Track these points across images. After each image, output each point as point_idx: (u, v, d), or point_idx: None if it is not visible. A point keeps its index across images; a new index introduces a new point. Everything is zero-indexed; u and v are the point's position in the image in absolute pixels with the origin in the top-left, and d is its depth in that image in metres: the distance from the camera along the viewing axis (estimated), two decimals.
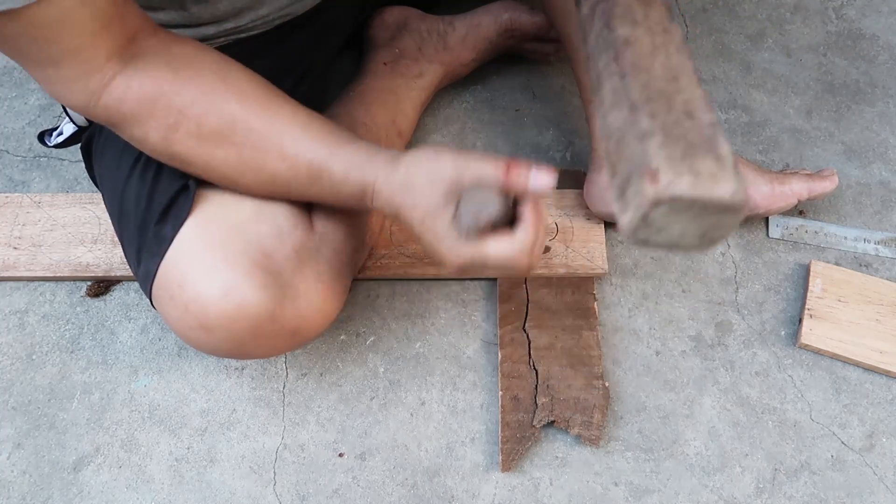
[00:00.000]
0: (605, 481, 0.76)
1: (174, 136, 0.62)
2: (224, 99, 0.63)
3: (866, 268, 0.88)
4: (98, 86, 0.60)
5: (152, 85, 0.61)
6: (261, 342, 0.67)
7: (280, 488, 0.76)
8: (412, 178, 0.63)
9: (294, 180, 0.65)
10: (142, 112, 0.61)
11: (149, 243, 0.67)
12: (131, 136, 0.64)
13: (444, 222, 0.61)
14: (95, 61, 0.59)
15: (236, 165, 0.64)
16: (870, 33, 1.10)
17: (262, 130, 0.64)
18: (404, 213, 0.64)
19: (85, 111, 0.62)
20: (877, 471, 0.76)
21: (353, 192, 0.65)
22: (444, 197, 0.61)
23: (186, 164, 0.65)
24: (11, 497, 0.75)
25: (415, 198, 0.62)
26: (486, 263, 0.62)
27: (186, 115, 0.62)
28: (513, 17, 0.99)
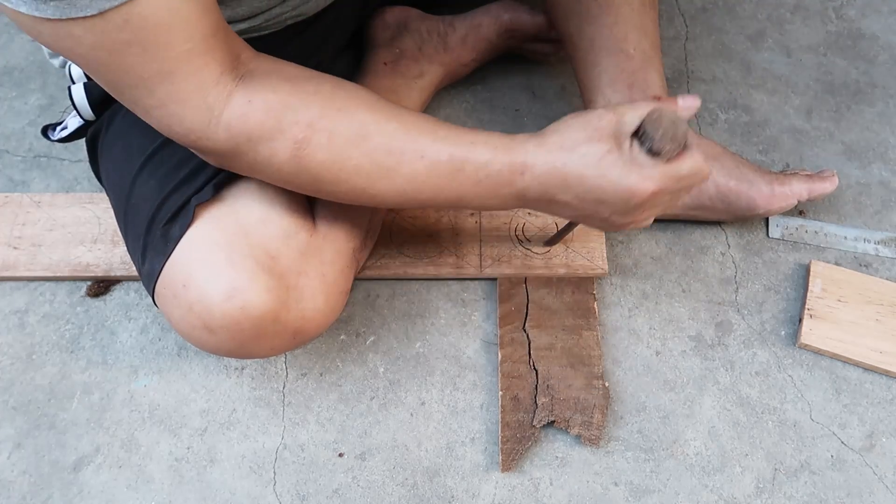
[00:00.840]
0: (605, 481, 0.76)
1: (304, 152, 0.60)
2: (352, 108, 0.62)
3: (866, 268, 0.88)
4: (217, 100, 0.58)
5: (276, 99, 0.59)
6: (263, 342, 0.68)
7: (280, 488, 0.76)
8: (569, 137, 0.63)
9: (433, 178, 0.63)
10: (269, 127, 0.59)
11: (155, 242, 0.67)
12: (255, 158, 0.61)
13: (626, 154, 0.61)
14: (210, 70, 0.57)
15: (370, 172, 0.62)
16: (870, 33, 1.10)
17: (396, 133, 0.62)
18: (572, 169, 0.62)
19: (205, 133, 0.59)
20: (877, 471, 0.76)
21: (500, 173, 0.64)
22: (614, 139, 0.62)
23: (315, 181, 0.63)
24: (11, 497, 0.75)
25: (581, 150, 0.62)
26: (680, 178, 0.62)
27: (316, 127, 0.60)
28: (513, 18, 0.99)
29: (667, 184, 0.62)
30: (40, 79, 1.07)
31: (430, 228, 0.88)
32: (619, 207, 0.64)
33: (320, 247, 0.70)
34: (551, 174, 0.63)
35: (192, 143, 0.61)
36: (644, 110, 0.62)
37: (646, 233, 0.91)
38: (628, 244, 0.90)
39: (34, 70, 1.08)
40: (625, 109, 0.63)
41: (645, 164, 0.61)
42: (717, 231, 0.91)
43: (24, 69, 1.08)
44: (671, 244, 0.90)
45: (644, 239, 0.90)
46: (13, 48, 1.11)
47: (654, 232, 0.91)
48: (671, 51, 1.07)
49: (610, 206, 0.64)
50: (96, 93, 0.73)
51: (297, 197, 0.71)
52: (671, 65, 1.06)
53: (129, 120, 0.72)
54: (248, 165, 0.62)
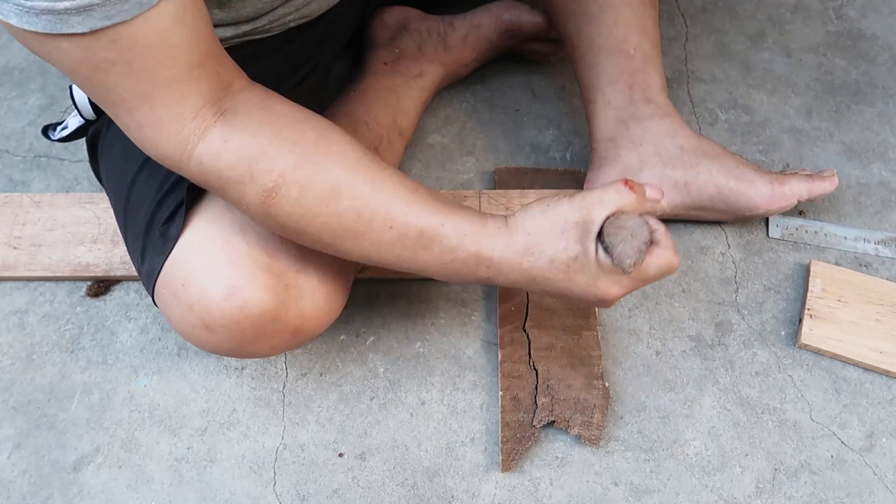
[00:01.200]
0: (605, 481, 0.76)
1: (272, 201, 0.59)
2: (329, 163, 0.60)
3: (866, 268, 0.88)
4: (193, 134, 0.57)
5: (254, 143, 0.58)
6: (263, 342, 0.68)
7: (280, 488, 0.76)
8: (536, 238, 0.62)
9: (397, 248, 0.63)
10: (241, 172, 0.58)
11: (154, 241, 0.67)
12: (224, 194, 0.61)
13: (592, 263, 0.61)
14: (190, 101, 0.56)
15: (336, 231, 0.62)
16: (870, 33, 1.10)
17: (368, 197, 0.61)
18: (538, 273, 0.63)
19: (176, 163, 0.59)
20: (877, 471, 0.76)
21: (465, 260, 0.63)
22: (579, 242, 0.62)
23: (282, 229, 0.63)
24: (11, 497, 0.75)
25: (548, 255, 0.62)
26: (648, 279, 0.63)
27: (288, 179, 0.59)
28: (513, 18, 0.99)
29: (634, 285, 0.63)
30: (40, 79, 1.07)
31: None
32: (589, 303, 0.65)
33: None
34: (519, 273, 0.64)
35: (167, 167, 0.61)
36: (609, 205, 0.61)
37: None
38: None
39: (34, 70, 1.08)
40: (592, 206, 0.62)
41: (610, 272, 0.62)
42: (717, 231, 0.91)
43: (24, 69, 1.08)
44: None
45: None
46: (13, 48, 1.11)
47: None
48: (671, 51, 1.07)
49: (580, 301, 0.65)
50: None
51: None
52: (671, 65, 1.06)
53: None
54: (221, 196, 0.62)
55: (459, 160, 0.98)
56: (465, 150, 0.99)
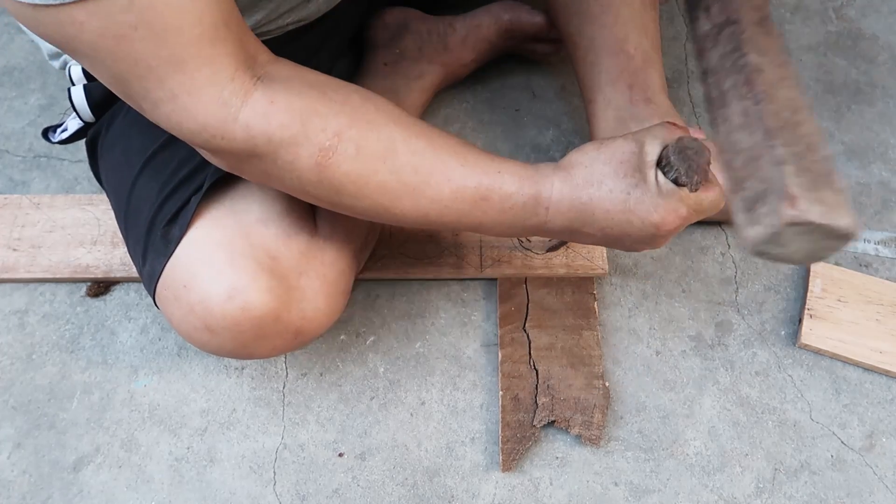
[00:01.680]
0: (605, 481, 0.76)
1: (329, 161, 0.57)
2: (381, 121, 0.59)
3: (866, 268, 0.88)
4: (234, 96, 0.54)
5: (303, 104, 0.56)
6: (264, 343, 0.68)
7: (280, 488, 0.76)
8: (593, 171, 0.62)
9: (457, 202, 0.62)
10: (294, 131, 0.56)
11: (156, 243, 0.67)
12: (274, 162, 0.57)
13: (653, 190, 0.61)
14: (222, 63, 0.53)
15: (394, 191, 0.60)
16: (870, 33, 1.10)
17: (424, 152, 0.60)
18: (598, 206, 0.62)
19: (220, 130, 0.55)
20: (877, 471, 0.76)
21: (524, 205, 0.63)
22: (638, 170, 0.61)
23: (337, 193, 0.60)
24: (11, 497, 0.75)
25: (607, 186, 0.62)
26: (702, 209, 0.63)
27: (344, 137, 0.57)
28: (513, 18, 0.99)
29: (690, 216, 0.63)
30: (40, 79, 1.07)
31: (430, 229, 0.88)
32: (643, 238, 0.63)
33: (321, 247, 0.70)
34: (577, 209, 0.63)
35: (205, 143, 0.56)
36: (663, 137, 0.62)
37: None
38: None
39: (34, 70, 1.08)
40: (645, 138, 0.62)
41: (670, 197, 0.61)
42: (717, 231, 0.91)
43: (24, 69, 1.08)
44: (671, 244, 0.90)
45: None
46: (13, 48, 1.11)
47: None
48: (671, 51, 1.07)
49: (634, 237, 0.63)
50: (96, 94, 0.73)
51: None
52: (671, 65, 1.05)
53: (128, 121, 0.72)
54: (264, 171, 0.59)
55: None
56: None
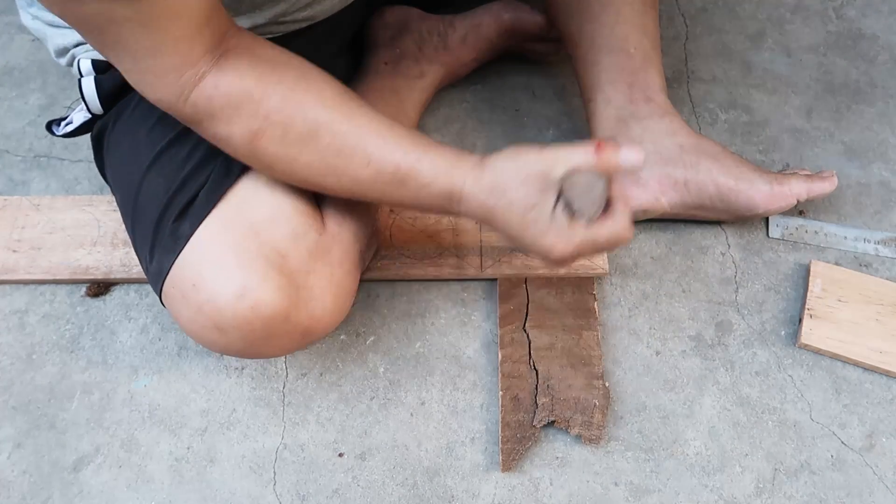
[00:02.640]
0: (605, 481, 0.76)
1: (259, 142, 0.63)
2: (308, 104, 0.63)
3: (866, 268, 0.88)
4: (190, 81, 0.60)
5: (240, 88, 0.61)
6: (273, 342, 0.68)
7: (280, 488, 0.76)
8: (502, 180, 0.64)
9: (377, 184, 0.66)
10: (229, 113, 0.62)
11: (164, 240, 0.67)
12: (214, 134, 0.64)
13: (547, 214, 0.63)
14: (193, 54, 0.59)
15: (319, 169, 0.65)
16: (870, 33, 1.10)
17: (346, 135, 0.64)
18: (499, 214, 0.65)
19: (172, 105, 0.62)
20: (877, 471, 0.76)
21: (439, 195, 0.66)
22: (540, 192, 0.63)
23: (268, 168, 0.66)
24: (11, 497, 0.75)
25: (508, 197, 0.64)
26: (597, 244, 0.65)
27: (272, 121, 0.62)
28: (513, 18, 0.99)
29: (583, 247, 0.65)
30: (40, 79, 1.07)
31: (430, 229, 0.88)
32: (539, 255, 0.66)
33: (329, 247, 0.70)
34: (482, 211, 0.66)
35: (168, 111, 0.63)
36: (573, 162, 0.62)
37: (646, 233, 0.91)
38: (628, 244, 0.90)
39: (34, 70, 1.08)
40: (556, 158, 0.63)
41: (563, 226, 0.63)
42: (717, 231, 0.91)
43: (24, 69, 1.08)
44: (671, 244, 0.90)
45: (644, 239, 0.90)
46: (13, 48, 1.11)
47: (654, 232, 0.91)
48: (671, 51, 1.07)
49: (532, 251, 0.66)
50: (106, 87, 0.73)
51: (306, 197, 0.71)
52: (671, 65, 1.05)
53: (137, 116, 0.72)
54: (210, 137, 0.65)
55: None
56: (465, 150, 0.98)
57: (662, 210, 0.86)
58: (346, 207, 0.74)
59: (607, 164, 0.62)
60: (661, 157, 0.84)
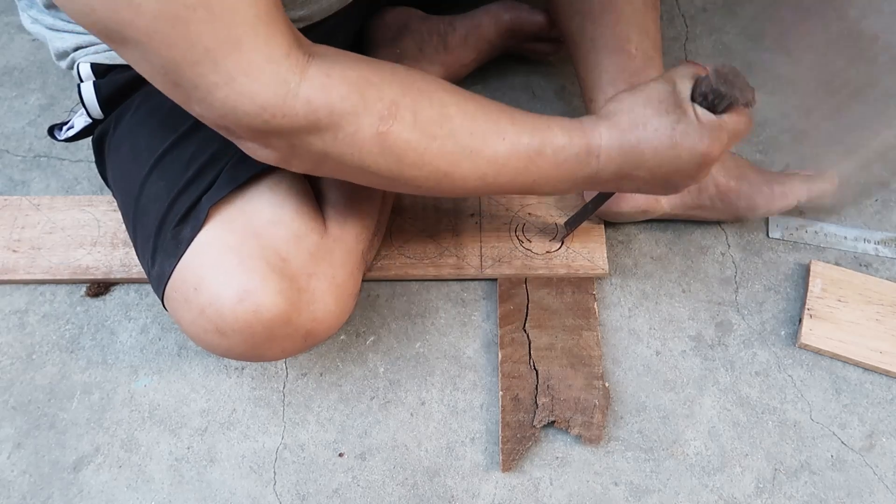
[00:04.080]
0: (605, 481, 0.76)
1: (390, 129, 0.58)
2: (430, 89, 0.61)
3: (866, 268, 0.88)
4: (292, 73, 0.54)
5: (357, 75, 0.57)
6: (275, 345, 0.67)
7: (280, 488, 0.76)
8: (637, 112, 0.64)
9: (513, 160, 0.63)
10: (353, 102, 0.56)
11: (166, 244, 0.67)
12: (336, 136, 0.57)
13: (693, 122, 0.63)
14: (278, 41, 0.53)
15: (453, 153, 0.61)
16: (870, 33, 1.10)
17: (476, 114, 0.62)
18: (646, 145, 0.64)
19: (281, 107, 0.54)
20: (877, 471, 0.76)
21: (577, 156, 0.65)
22: (678, 108, 0.63)
23: (399, 162, 0.60)
24: (11, 497, 0.75)
25: (652, 125, 0.64)
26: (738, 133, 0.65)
27: (400, 104, 0.58)
28: (513, 18, 0.99)
29: (730, 140, 0.65)
30: (40, 79, 1.07)
31: (430, 229, 0.88)
32: (691, 171, 0.65)
33: (331, 249, 0.70)
34: (627, 153, 0.65)
35: (265, 123, 0.55)
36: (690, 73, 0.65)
37: (646, 233, 0.91)
38: (628, 244, 0.90)
39: (34, 70, 1.08)
40: (675, 77, 0.65)
41: (711, 125, 0.64)
42: (717, 231, 0.91)
43: (24, 69, 1.08)
44: (671, 244, 0.90)
45: (644, 239, 0.90)
46: (13, 48, 1.11)
47: (654, 232, 0.91)
48: (671, 51, 1.07)
49: (683, 172, 0.65)
50: (105, 91, 0.73)
51: (307, 199, 0.71)
52: (671, 65, 1.04)
53: (137, 120, 0.72)
54: (322, 150, 0.58)
55: None
56: None
57: (662, 211, 0.86)
58: (347, 209, 0.74)
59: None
60: None
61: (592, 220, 0.88)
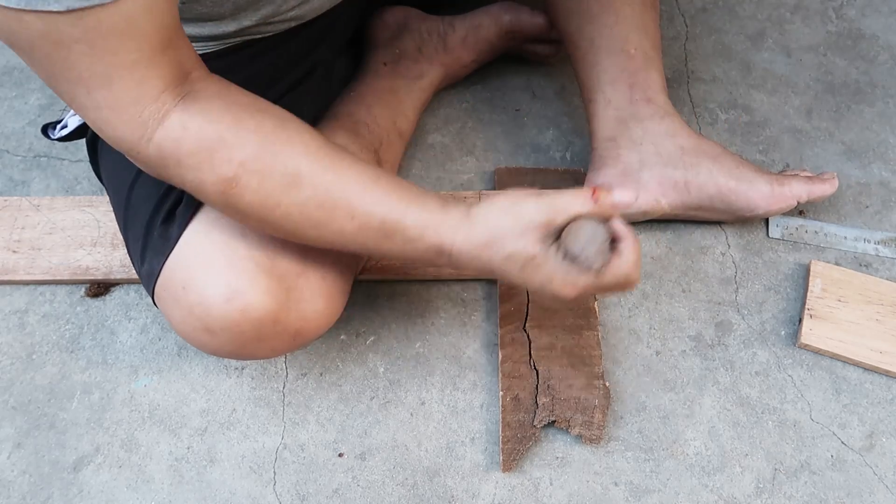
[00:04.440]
0: (605, 481, 0.76)
1: (233, 191, 0.59)
2: (288, 153, 0.60)
3: (866, 268, 0.88)
4: (152, 118, 0.56)
5: (213, 130, 0.57)
6: (263, 344, 0.68)
7: (280, 488, 0.76)
8: (497, 233, 0.62)
9: (360, 237, 0.63)
10: (200, 159, 0.57)
11: (154, 242, 0.67)
12: (183, 181, 0.60)
13: (550, 263, 0.61)
14: (151, 84, 0.55)
15: (298, 221, 0.61)
16: (870, 33, 1.10)
17: (329, 187, 0.61)
18: (497, 266, 0.63)
19: (135, 148, 0.57)
20: (877, 471, 0.76)
21: (427, 250, 0.63)
22: (541, 242, 0.61)
23: (243, 217, 0.62)
24: (11, 497, 0.75)
25: (507, 251, 0.62)
26: (603, 286, 0.62)
27: (248, 169, 0.58)
28: (513, 19, 0.99)
29: (589, 290, 0.63)
30: (40, 79, 1.07)
31: None
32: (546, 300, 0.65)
33: None
34: (476, 264, 0.63)
35: (122, 151, 0.59)
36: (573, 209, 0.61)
37: (646, 233, 0.91)
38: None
39: None
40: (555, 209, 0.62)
41: (568, 271, 0.61)
42: (717, 231, 0.91)
43: (24, 69, 1.08)
44: (671, 244, 0.90)
45: (644, 239, 0.90)
46: None
47: (654, 232, 0.91)
48: (671, 51, 1.07)
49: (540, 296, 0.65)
50: None
51: None
52: (671, 65, 1.06)
53: None
54: (178, 184, 0.61)
55: (459, 160, 0.98)
56: (465, 150, 0.99)
57: (662, 211, 0.86)
58: None
59: (605, 209, 0.61)
60: (662, 158, 0.84)
61: None
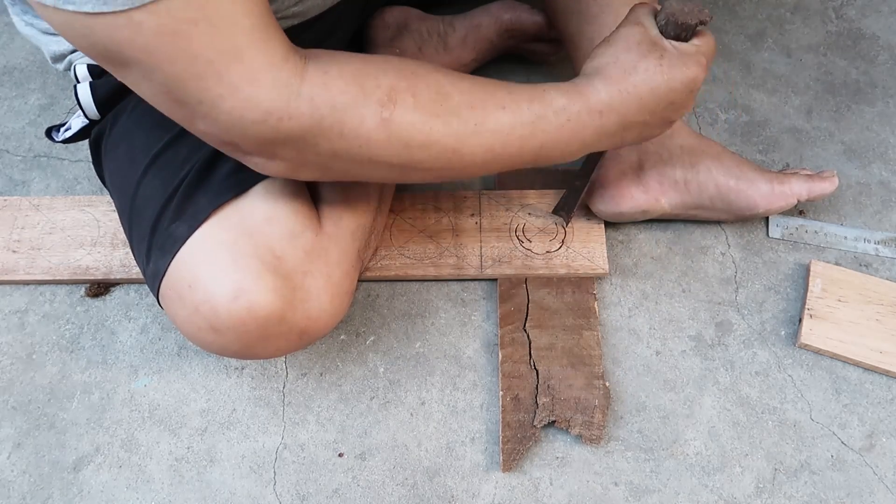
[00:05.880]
0: (605, 481, 0.76)
1: (392, 115, 0.59)
2: (423, 73, 0.62)
3: (866, 268, 0.88)
4: (293, 75, 0.55)
5: (352, 68, 0.58)
6: (269, 343, 0.68)
7: (280, 488, 0.76)
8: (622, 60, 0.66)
9: (517, 128, 0.64)
10: (353, 93, 0.58)
11: (161, 242, 0.67)
12: (342, 130, 0.58)
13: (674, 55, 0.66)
14: (275, 46, 0.55)
15: (458, 130, 0.62)
16: (870, 33, 1.10)
17: (472, 89, 0.63)
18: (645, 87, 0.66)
19: (286, 110, 0.56)
20: (877, 471, 0.76)
21: (579, 113, 0.65)
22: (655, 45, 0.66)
23: (407, 146, 0.61)
24: (11, 497, 0.75)
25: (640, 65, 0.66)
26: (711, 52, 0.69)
27: (399, 89, 0.59)
28: (513, 18, 0.99)
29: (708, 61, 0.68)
30: (40, 79, 1.07)
31: (430, 229, 0.88)
32: (685, 101, 0.68)
33: (326, 247, 0.70)
34: (627, 101, 0.66)
35: (272, 129, 0.56)
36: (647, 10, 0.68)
37: (646, 233, 0.91)
38: (628, 244, 0.90)
39: (34, 70, 1.08)
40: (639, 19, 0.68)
41: (688, 51, 0.67)
42: (717, 231, 0.91)
43: (24, 69, 1.08)
44: (671, 244, 0.90)
45: (644, 239, 0.90)
46: (13, 48, 1.11)
47: (654, 232, 0.91)
48: None
49: (677, 103, 0.68)
50: (101, 92, 0.73)
51: (302, 197, 0.71)
52: None
53: (133, 120, 0.72)
54: (330, 149, 0.59)
55: None
56: None
57: (662, 211, 0.86)
58: (342, 207, 0.74)
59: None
60: (662, 157, 0.84)
61: (592, 219, 0.88)
